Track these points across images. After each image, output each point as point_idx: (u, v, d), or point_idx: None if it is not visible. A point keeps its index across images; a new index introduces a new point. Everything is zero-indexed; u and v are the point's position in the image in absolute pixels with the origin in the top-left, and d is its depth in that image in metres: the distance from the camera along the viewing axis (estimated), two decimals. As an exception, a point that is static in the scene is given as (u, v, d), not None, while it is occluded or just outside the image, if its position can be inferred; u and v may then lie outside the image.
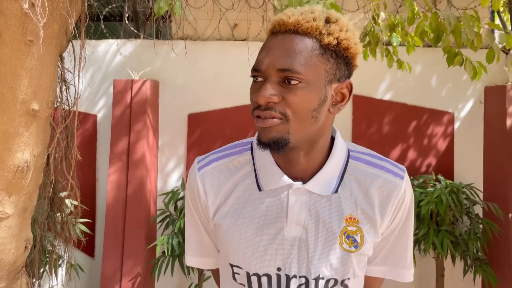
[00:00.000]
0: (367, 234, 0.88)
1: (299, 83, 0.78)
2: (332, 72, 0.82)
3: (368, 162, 0.91)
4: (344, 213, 0.87)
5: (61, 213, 2.12)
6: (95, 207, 3.58)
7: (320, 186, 0.87)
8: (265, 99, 0.78)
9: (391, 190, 0.89)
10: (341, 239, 0.87)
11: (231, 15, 3.65)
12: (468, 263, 3.20)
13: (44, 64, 1.30)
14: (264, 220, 0.88)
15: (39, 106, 1.35)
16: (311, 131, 0.83)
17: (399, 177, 0.90)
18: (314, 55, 0.79)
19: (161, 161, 3.59)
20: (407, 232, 0.94)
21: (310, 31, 0.80)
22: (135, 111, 3.39)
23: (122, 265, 3.24)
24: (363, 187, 0.89)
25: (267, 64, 0.80)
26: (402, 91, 3.60)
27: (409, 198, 0.92)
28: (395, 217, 0.91)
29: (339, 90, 0.84)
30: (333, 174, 0.88)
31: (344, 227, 0.87)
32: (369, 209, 0.88)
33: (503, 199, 3.31)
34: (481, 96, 3.58)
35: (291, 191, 0.87)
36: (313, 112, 0.81)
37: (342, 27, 0.82)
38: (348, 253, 0.87)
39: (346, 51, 0.82)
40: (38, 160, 1.44)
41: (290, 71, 0.78)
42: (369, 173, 0.90)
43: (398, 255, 0.95)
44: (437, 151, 3.58)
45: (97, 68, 3.62)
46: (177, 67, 3.60)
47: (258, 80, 0.82)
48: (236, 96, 3.52)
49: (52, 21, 1.21)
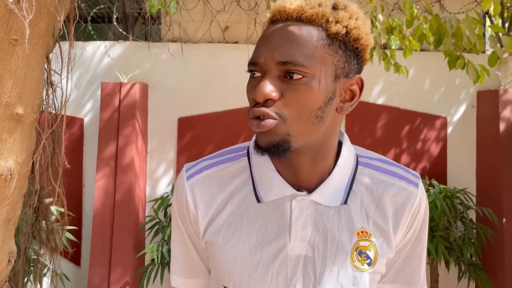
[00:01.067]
0: (380, 249, 0.79)
1: (302, 78, 0.69)
2: (341, 65, 0.72)
3: (379, 168, 0.82)
4: (356, 227, 0.78)
5: (47, 221, 2.03)
6: (81, 214, 3.47)
7: (328, 196, 0.77)
8: (263, 96, 0.68)
9: (406, 199, 0.80)
10: (352, 256, 0.77)
11: (222, 17, 3.59)
12: (462, 268, 3.17)
13: (30, 65, 1.21)
14: (264, 237, 0.78)
15: (24, 110, 1.26)
16: (316, 134, 0.73)
17: (414, 185, 0.82)
18: (320, 45, 0.70)
19: (150, 167, 3.51)
20: (420, 246, 0.86)
21: (315, 18, 0.70)
22: (124, 114, 3.30)
23: (109, 273, 3.15)
24: (375, 197, 0.80)
25: (266, 56, 0.70)
26: (395, 95, 3.57)
27: (424, 207, 0.83)
28: (409, 229, 0.83)
29: (348, 87, 0.74)
30: (341, 183, 0.78)
31: (355, 242, 0.78)
32: (382, 221, 0.80)
33: (497, 204, 3.30)
34: (474, 100, 3.57)
35: (295, 203, 0.77)
36: (318, 112, 0.71)
37: (352, 15, 0.72)
38: (361, 272, 0.78)
39: (356, 42, 0.73)
40: (23, 168, 1.35)
41: (293, 63, 0.68)
42: (381, 180, 0.81)
43: (410, 272, 0.86)
44: (430, 155, 3.56)
45: (84, 71, 3.53)
46: (167, 70, 3.53)
47: (255, 75, 0.72)
48: (227, 99, 3.45)
49: (38, 19, 1.13)
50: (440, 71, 3.48)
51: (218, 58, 3.53)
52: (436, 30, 1.72)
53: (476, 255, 3.18)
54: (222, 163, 0.83)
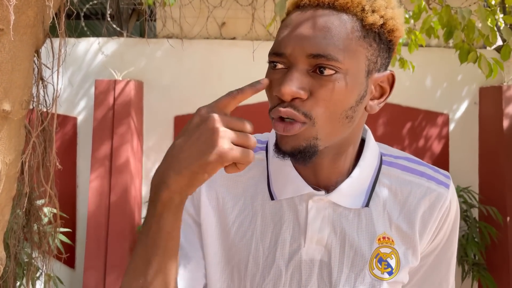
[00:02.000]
0: (403, 257, 0.72)
1: (334, 74, 0.61)
2: (374, 60, 0.65)
3: (405, 167, 0.75)
4: (377, 232, 0.71)
5: (38, 224, 1.95)
6: (75, 216, 3.39)
7: (348, 197, 0.71)
8: (291, 94, 0.60)
9: (435, 201, 0.73)
10: (371, 264, 0.71)
11: (219, 13, 3.51)
12: (466, 268, 3.12)
13: (17, 58, 1.12)
14: (278, 238, 0.71)
15: (12, 106, 1.17)
16: (344, 134, 0.66)
17: (444, 186, 0.74)
18: (355, 37, 0.62)
19: (146, 166, 3.43)
20: (449, 253, 0.78)
21: (350, 6, 0.63)
22: (118, 113, 3.22)
23: (105, 277, 3.07)
24: (400, 199, 0.73)
25: (294, 47, 0.61)
26: (397, 92, 3.49)
27: (454, 211, 0.76)
28: (437, 234, 0.75)
29: (378, 83, 0.68)
30: (363, 183, 0.72)
31: (376, 248, 0.71)
32: (407, 226, 0.72)
33: (500, 202, 3.24)
34: (476, 97, 3.52)
35: (312, 203, 0.70)
36: (349, 111, 0.64)
37: (389, 3, 0.65)
38: (380, 281, 0.71)
39: (391, 33, 0.66)
40: (11, 169, 1.26)
41: (326, 57, 0.60)
42: (407, 181, 0.74)
43: (437, 280, 0.79)
44: (432, 153, 3.50)
45: (77, 68, 3.44)
46: (163, 67, 3.45)
47: (277, 67, 0.64)
48: (225, 97, 3.37)
49: (26, 7, 1.04)
50: (442, 67, 3.43)
51: (215, 54, 3.46)
52: (447, 22, 1.65)
53: (480, 255, 3.13)
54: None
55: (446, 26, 1.66)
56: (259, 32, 3.46)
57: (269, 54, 0.65)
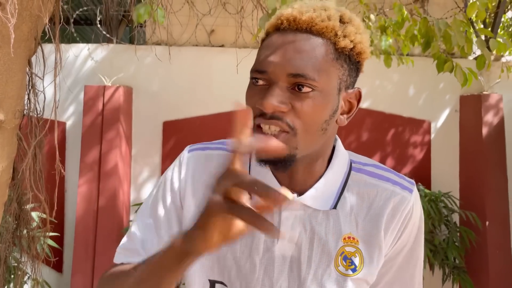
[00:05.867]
0: (367, 256, 0.78)
1: (311, 91, 0.69)
2: (344, 79, 0.73)
3: (372, 173, 0.82)
4: (343, 232, 0.78)
5: (28, 228, 1.97)
6: (63, 220, 3.40)
7: (317, 200, 0.77)
8: (273, 107, 0.67)
9: (398, 204, 0.79)
10: (337, 261, 0.77)
11: (208, 20, 3.56)
12: (447, 271, 3.20)
13: (11, 70, 1.17)
14: (254, 234, 0.78)
15: (5, 116, 1.22)
16: (318, 145, 0.74)
17: (408, 190, 0.81)
18: (329, 59, 0.70)
19: (135, 171, 3.45)
20: (415, 256, 0.84)
21: (325, 31, 0.70)
22: (107, 118, 3.24)
23: (92, 280, 3.08)
24: (366, 202, 0.79)
25: (276, 66, 0.68)
26: (380, 100, 3.59)
27: (418, 215, 0.82)
28: (401, 235, 0.81)
29: (348, 99, 0.76)
30: (332, 188, 0.79)
31: (341, 247, 0.77)
32: (373, 227, 0.79)
33: (480, 207, 3.34)
34: (457, 105, 3.62)
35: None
36: (324, 124, 0.72)
37: (358, 29, 0.73)
38: (344, 277, 0.77)
39: (359, 56, 0.74)
40: (3, 176, 1.30)
41: (304, 77, 0.68)
42: (373, 185, 0.80)
43: (405, 281, 0.85)
44: (414, 159, 3.59)
45: (66, 74, 3.45)
46: (152, 73, 3.48)
47: (259, 83, 0.71)
48: (213, 103, 3.42)
49: (20, 22, 1.09)
50: (424, 75, 3.52)
51: (204, 61, 3.50)
52: (425, 33, 1.74)
53: (460, 258, 3.21)
54: (225, 151, 0.84)
55: (424, 36, 1.75)
56: (247, 40, 3.52)
57: (252, 71, 0.72)
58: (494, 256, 3.28)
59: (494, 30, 3.70)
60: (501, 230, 3.35)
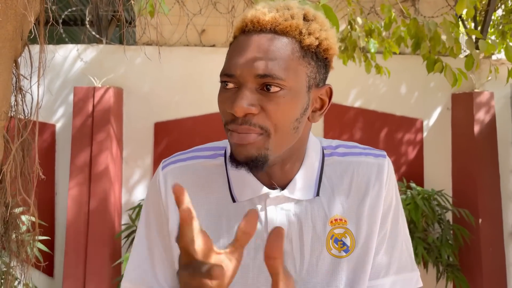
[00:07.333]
0: (358, 234, 0.79)
1: (280, 91, 0.69)
2: (313, 76, 0.73)
3: (344, 154, 0.84)
4: (329, 215, 0.78)
5: (17, 232, 1.93)
6: (54, 224, 3.35)
7: (299, 191, 0.78)
8: (243, 110, 0.68)
9: (377, 172, 0.81)
10: (328, 245, 0.78)
11: (198, 20, 3.54)
12: (441, 269, 3.21)
13: (-4, 70, 1.14)
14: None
15: (-9, 117, 1.18)
16: (290, 144, 0.74)
17: (381, 157, 0.83)
18: (295, 58, 0.70)
19: (126, 173, 3.42)
20: (399, 225, 0.84)
21: (289, 30, 0.70)
22: (98, 120, 3.20)
23: (84, 285, 3.04)
24: (346, 181, 0.81)
25: (243, 69, 0.69)
26: (372, 99, 3.59)
27: (392, 173, 0.84)
28: (386, 199, 0.81)
29: (318, 96, 0.76)
30: (311, 178, 0.80)
31: (330, 230, 0.78)
32: (359, 204, 0.79)
33: (472, 205, 3.35)
34: (449, 103, 3.63)
35: (269, 201, 0.78)
36: (295, 123, 0.72)
37: (322, 26, 0.73)
38: (338, 259, 0.78)
39: (326, 52, 0.74)
40: (-10, 179, 1.26)
41: (271, 76, 0.68)
42: (348, 163, 0.82)
43: (398, 256, 0.84)
44: (407, 158, 3.60)
45: (55, 75, 3.41)
46: (142, 74, 3.45)
47: (229, 86, 0.71)
48: (205, 103, 3.40)
49: (5, 21, 1.06)
50: (416, 74, 3.53)
51: (195, 61, 3.48)
52: (414, 33, 1.73)
53: (453, 256, 3.22)
54: (199, 159, 0.84)
55: (414, 37, 1.74)
56: (238, 39, 3.50)
57: (221, 75, 0.71)
58: (487, 253, 3.29)
59: (484, 29, 3.71)
60: (493, 227, 3.37)
